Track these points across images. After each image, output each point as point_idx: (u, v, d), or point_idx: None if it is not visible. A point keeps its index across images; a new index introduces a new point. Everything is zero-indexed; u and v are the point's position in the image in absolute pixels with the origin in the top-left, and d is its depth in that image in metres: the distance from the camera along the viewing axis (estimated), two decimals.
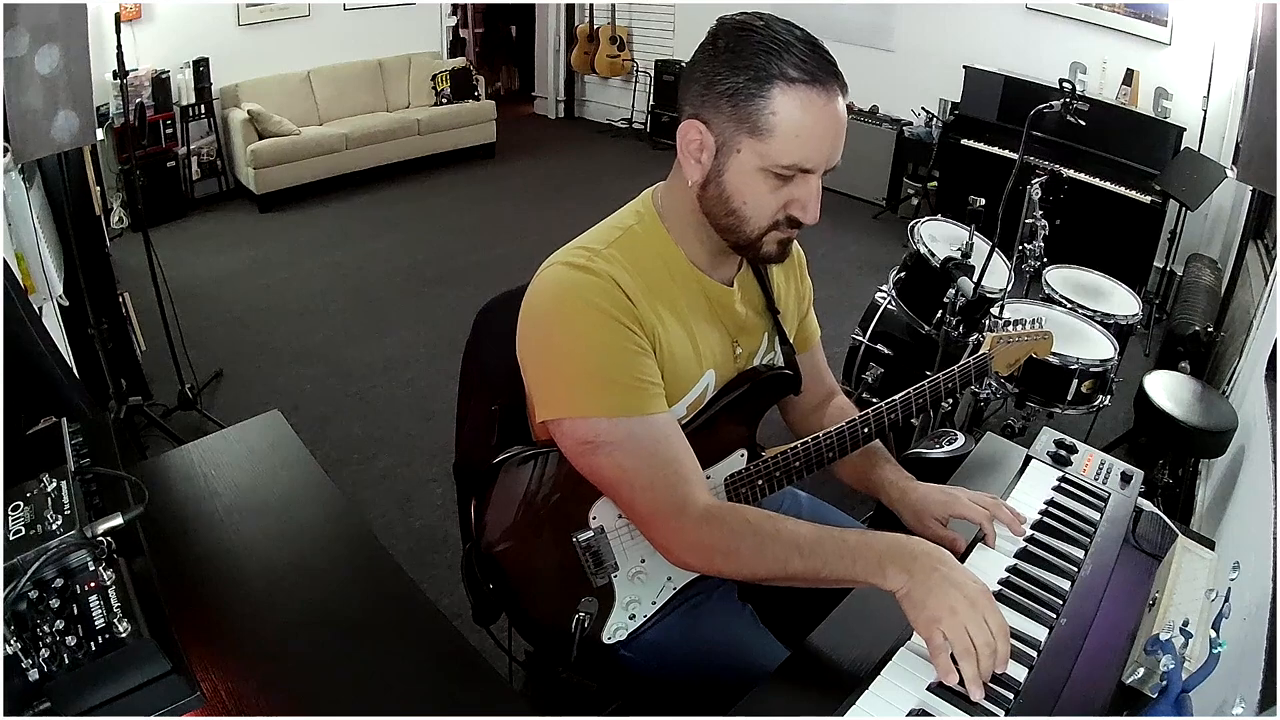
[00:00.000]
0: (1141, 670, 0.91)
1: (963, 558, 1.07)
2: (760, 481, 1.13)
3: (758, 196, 0.97)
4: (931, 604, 0.85)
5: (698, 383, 1.09)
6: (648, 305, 1.00)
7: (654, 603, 1.13)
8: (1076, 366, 2.34)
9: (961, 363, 1.27)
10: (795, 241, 1.12)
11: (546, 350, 1.01)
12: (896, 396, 1.18)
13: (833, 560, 0.92)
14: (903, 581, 0.88)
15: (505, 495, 1.14)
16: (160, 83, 4.74)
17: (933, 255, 2.49)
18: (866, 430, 1.15)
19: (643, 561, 1.11)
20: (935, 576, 0.87)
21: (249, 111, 5.02)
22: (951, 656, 0.84)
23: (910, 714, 0.83)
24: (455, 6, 6.88)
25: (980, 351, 1.32)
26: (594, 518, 1.10)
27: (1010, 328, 1.36)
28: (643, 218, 1.07)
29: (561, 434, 1.01)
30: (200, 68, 4.93)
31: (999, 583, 1.02)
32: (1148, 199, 3.99)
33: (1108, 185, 4.12)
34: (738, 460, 1.15)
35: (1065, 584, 1.04)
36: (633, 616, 1.12)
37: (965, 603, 0.85)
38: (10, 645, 0.75)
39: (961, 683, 0.84)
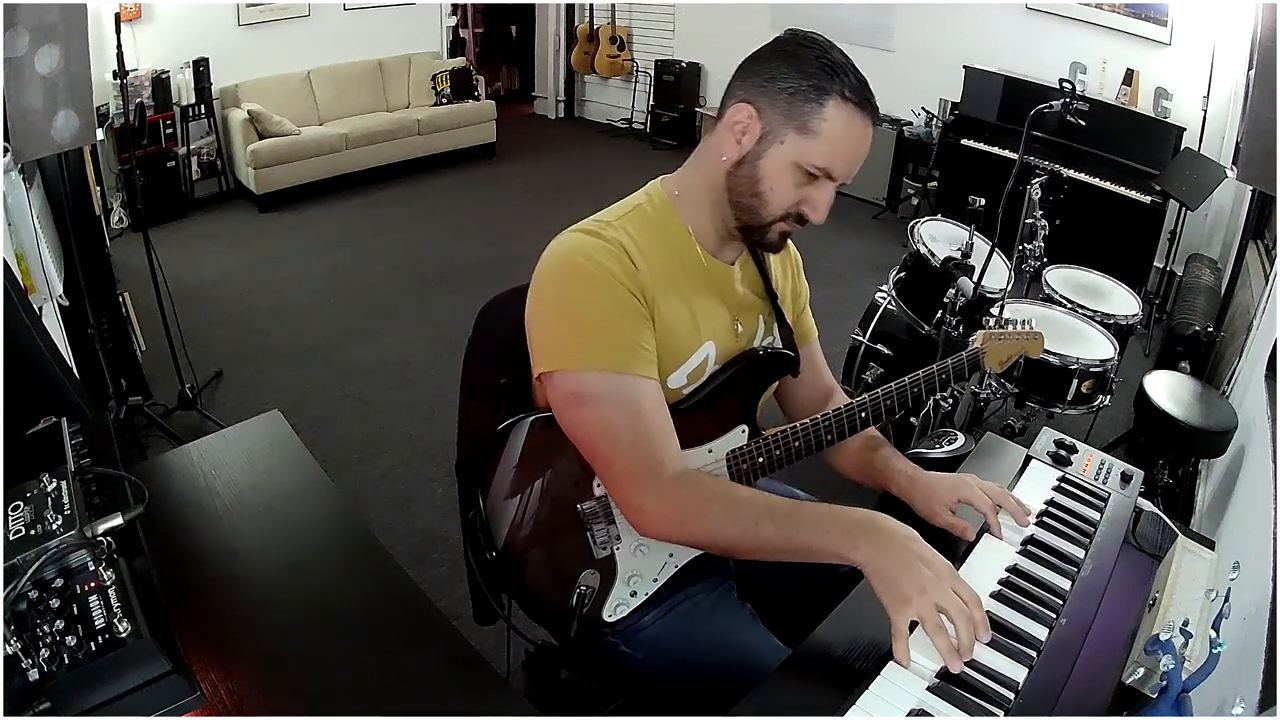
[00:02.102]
0: (1141, 670, 0.91)
1: (965, 555, 1.07)
2: (760, 459, 1.15)
3: (783, 187, 1.04)
4: (902, 583, 0.88)
5: (696, 351, 1.12)
6: (650, 272, 1.05)
7: (655, 579, 1.13)
8: (1076, 366, 2.34)
9: (955, 355, 1.30)
10: (793, 243, 1.21)
11: (550, 305, 1.05)
12: (893, 384, 1.20)
13: (804, 527, 0.96)
14: (873, 555, 0.91)
15: (510, 461, 1.15)
16: (160, 83, 4.73)
17: (933, 255, 2.49)
18: (864, 415, 1.17)
19: None
20: (904, 554, 0.91)
21: (249, 111, 5.02)
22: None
23: (910, 714, 0.83)
24: (455, 6, 6.88)
25: (974, 345, 1.34)
26: (598, 485, 1.11)
27: (1003, 325, 1.38)
28: (652, 199, 1.13)
29: (553, 386, 1.04)
30: (200, 68, 4.93)
31: (999, 582, 1.02)
32: (1148, 199, 3.99)
33: (1108, 185, 4.12)
34: (739, 436, 1.16)
35: (1065, 584, 1.04)
36: (634, 593, 1.13)
37: (933, 578, 0.88)
38: (10, 645, 0.75)
39: (951, 675, 0.84)
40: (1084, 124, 2.61)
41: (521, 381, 1.15)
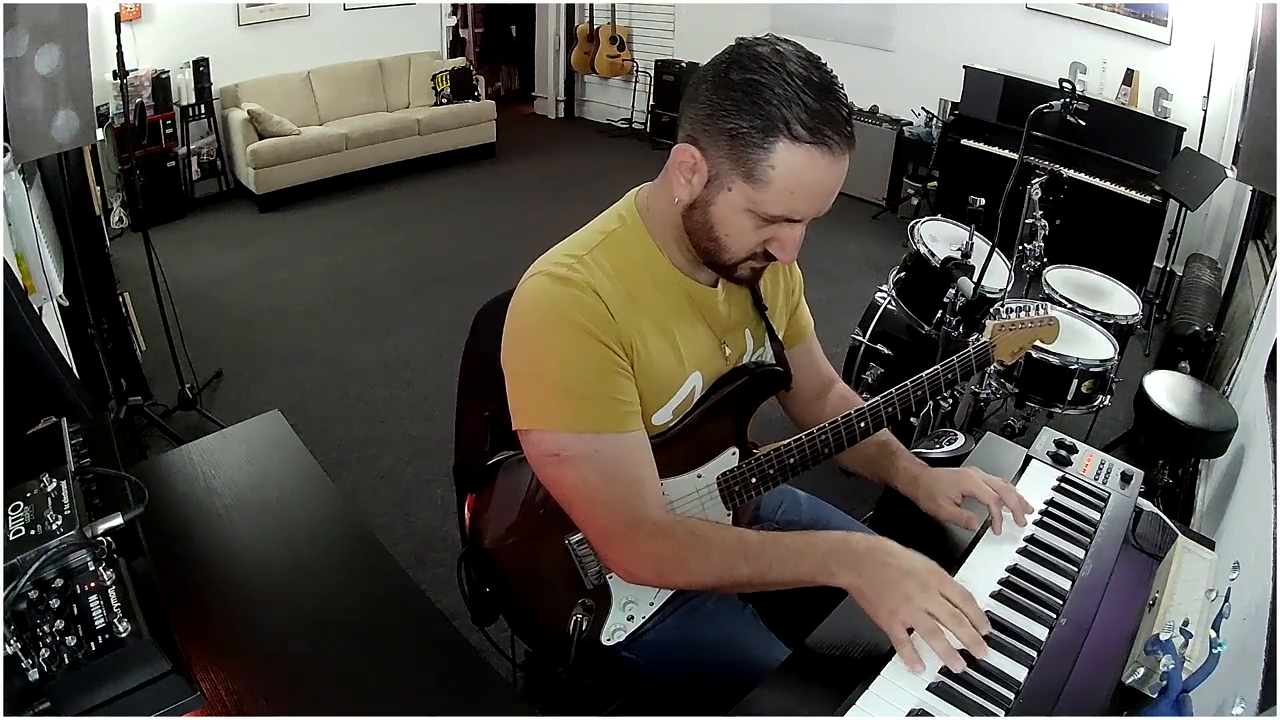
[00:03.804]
0: (1141, 670, 0.91)
1: (965, 555, 1.07)
2: (754, 479, 1.13)
3: (740, 232, 0.97)
4: (886, 598, 0.88)
5: (682, 385, 1.08)
6: (627, 313, 1.00)
7: (651, 603, 1.13)
8: (1076, 366, 2.34)
9: (962, 352, 1.26)
10: None
11: (524, 361, 1.01)
12: (894, 389, 1.17)
13: (778, 562, 0.95)
14: (852, 579, 0.91)
15: (501, 497, 1.15)
16: (160, 83, 4.74)
17: (933, 255, 2.49)
18: (864, 424, 1.14)
19: None
20: (885, 570, 0.90)
21: (249, 111, 5.02)
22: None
23: (910, 714, 0.83)
24: (455, 6, 6.88)
25: (982, 339, 1.30)
26: None
27: (1014, 315, 1.33)
28: (625, 221, 1.06)
29: (529, 444, 1.02)
30: (200, 68, 4.93)
31: (999, 582, 1.02)
32: (1148, 199, 3.99)
33: (1108, 185, 4.12)
34: (729, 459, 1.14)
35: (1065, 584, 1.04)
36: (631, 617, 1.12)
37: (918, 586, 0.88)
38: (10, 645, 0.75)
39: (951, 674, 0.84)
40: (1084, 124, 2.61)
41: (508, 410, 1.13)
